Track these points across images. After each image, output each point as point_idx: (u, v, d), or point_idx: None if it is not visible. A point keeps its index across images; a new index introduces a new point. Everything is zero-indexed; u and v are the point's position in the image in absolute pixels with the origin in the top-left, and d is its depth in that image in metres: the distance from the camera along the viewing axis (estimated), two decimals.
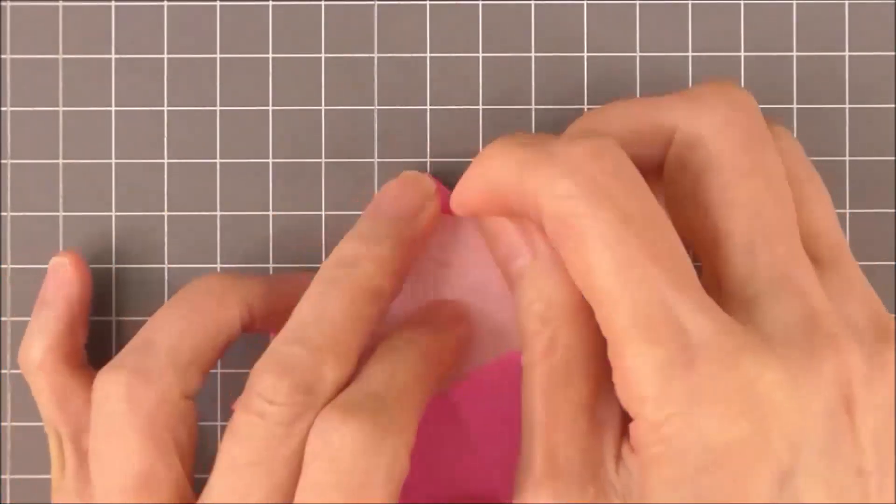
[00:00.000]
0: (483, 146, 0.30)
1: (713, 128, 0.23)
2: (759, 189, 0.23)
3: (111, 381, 0.25)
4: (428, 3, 0.30)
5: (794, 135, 0.30)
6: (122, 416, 0.25)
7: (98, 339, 0.30)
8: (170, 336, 0.26)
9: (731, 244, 0.23)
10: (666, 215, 0.22)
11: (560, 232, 0.22)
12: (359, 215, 0.30)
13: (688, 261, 0.22)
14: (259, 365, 0.24)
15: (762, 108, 0.30)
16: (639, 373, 0.21)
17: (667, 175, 0.24)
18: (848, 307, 0.23)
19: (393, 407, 0.24)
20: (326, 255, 0.30)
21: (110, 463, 0.25)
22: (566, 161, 0.22)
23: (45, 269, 0.30)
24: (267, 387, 0.24)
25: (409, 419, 0.24)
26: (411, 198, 0.27)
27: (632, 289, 0.21)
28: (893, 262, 0.30)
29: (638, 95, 0.30)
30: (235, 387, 0.30)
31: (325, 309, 0.25)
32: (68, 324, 0.28)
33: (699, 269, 0.24)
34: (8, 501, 0.30)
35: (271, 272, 0.30)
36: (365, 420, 0.23)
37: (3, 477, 0.30)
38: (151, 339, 0.26)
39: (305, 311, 0.25)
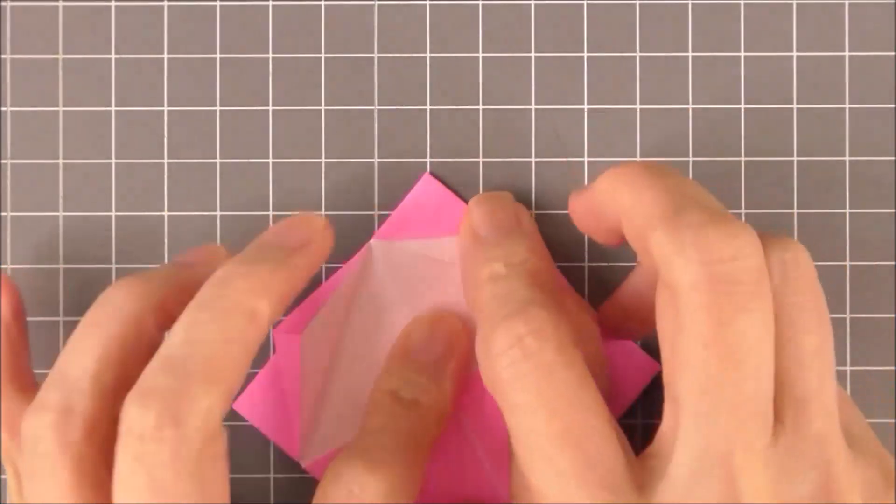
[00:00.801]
0: (483, 146, 0.30)
1: (684, 285, 0.22)
2: (714, 361, 0.21)
3: (37, 424, 0.23)
4: (428, 3, 0.30)
5: (794, 135, 0.30)
6: (52, 457, 0.23)
7: None
8: (88, 365, 0.24)
9: (681, 408, 0.22)
10: (596, 404, 0.23)
11: (500, 399, 0.23)
12: (359, 215, 0.30)
13: (616, 455, 0.22)
14: (127, 399, 0.23)
15: (762, 108, 0.30)
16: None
17: (657, 306, 0.24)
18: (792, 486, 0.22)
19: (408, 456, 0.25)
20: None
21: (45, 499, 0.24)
22: (507, 345, 0.23)
23: (46, 269, 0.30)
24: (134, 419, 0.22)
25: (418, 463, 0.25)
26: (298, 232, 0.26)
27: (559, 480, 0.22)
28: (893, 263, 0.30)
29: (638, 96, 0.30)
30: None
31: (195, 330, 0.23)
32: (6, 348, 0.27)
33: None
34: (8, 501, 0.30)
35: None
36: (387, 472, 0.24)
37: (2, 476, 0.30)
38: (67, 371, 0.24)
39: (176, 336, 0.23)
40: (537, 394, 0.22)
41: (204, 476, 0.22)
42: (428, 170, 0.30)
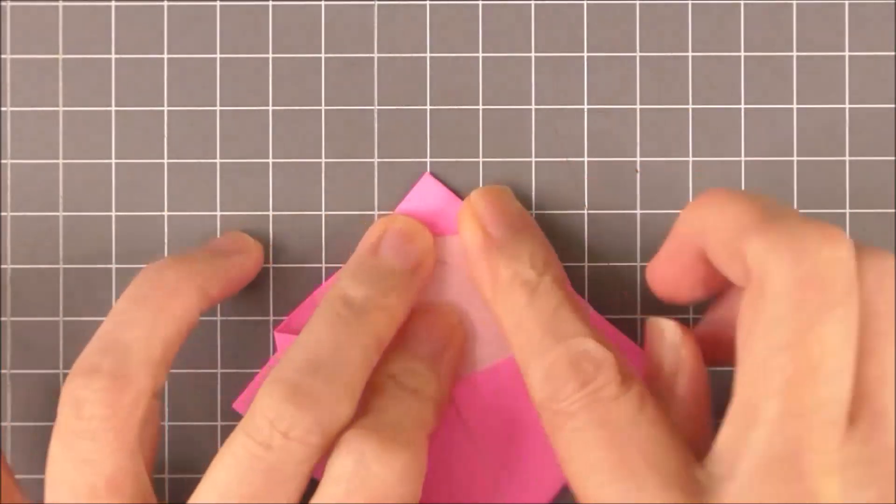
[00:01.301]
0: (483, 146, 0.30)
1: (775, 285, 0.21)
2: (791, 364, 0.21)
3: (88, 386, 0.24)
4: (428, 3, 0.30)
5: (794, 135, 0.30)
6: (102, 420, 0.24)
7: None
8: (140, 336, 0.25)
9: (753, 410, 0.22)
10: (659, 438, 0.23)
11: (551, 429, 0.24)
12: (359, 215, 0.30)
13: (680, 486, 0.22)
14: (271, 388, 0.24)
15: (762, 108, 0.30)
16: None
17: (740, 312, 0.23)
18: (859, 493, 0.21)
19: (417, 439, 0.25)
20: (326, 256, 0.30)
21: (82, 464, 0.24)
22: (567, 380, 0.24)
23: (45, 268, 0.30)
24: (284, 418, 0.23)
25: (424, 450, 0.25)
26: (413, 251, 0.28)
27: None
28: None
29: (638, 96, 0.30)
30: (235, 386, 0.30)
31: (342, 350, 0.25)
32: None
33: None
34: (8, 501, 0.30)
35: (271, 272, 0.30)
36: (402, 450, 0.24)
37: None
38: (121, 339, 0.25)
39: (323, 344, 0.25)
40: (600, 426, 0.23)
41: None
42: (428, 170, 0.30)
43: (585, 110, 0.30)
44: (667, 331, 0.26)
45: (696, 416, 0.25)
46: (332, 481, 0.24)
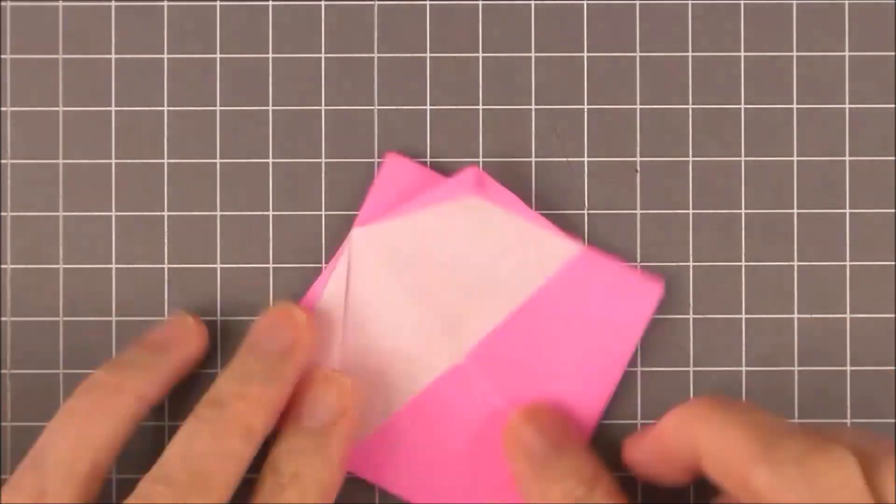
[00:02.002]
0: (483, 146, 0.30)
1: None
2: None
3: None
4: (428, 3, 0.30)
5: (794, 135, 0.30)
6: None
7: (97, 339, 0.30)
8: (65, 452, 0.25)
9: None
10: None
11: None
12: (358, 215, 0.30)
13: None
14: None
15: (762, 109, 0.30)
16: None
17: None
18: None
19: None
20: (327, 256, 0.30)
21: None
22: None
23: (45, 268, 0.30)
24: None
25: None
26: (284, 332, 0.28)
27: None
28: (893, 263, 0.30)
29: (638, 96, 0.30)
30: None
31: (191, 447, 0.25)
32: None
33: None
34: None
35: (271, 272, 0.30)
36: None
37: (3, 476, 0.30)
38: (47, 456, 0.25)
39: (173, 450, 0.25)
40: None
41: None
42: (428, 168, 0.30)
43: (585, 110, 0.30)
44: None
45: None
46: None
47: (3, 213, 0.30)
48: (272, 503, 0.26)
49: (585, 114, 0.30)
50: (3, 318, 0.30)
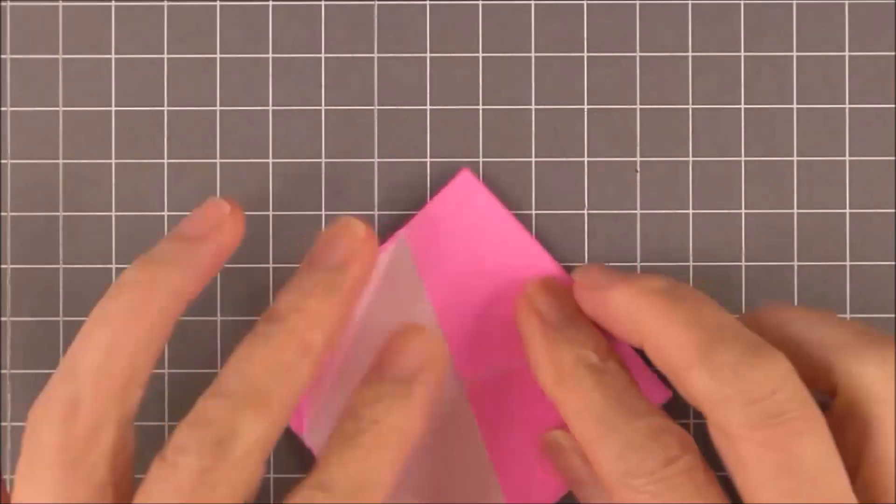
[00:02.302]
0: (483, 146, 0.30)
1: (736, 424, 0.23)
2: (789, 490, 0.22)
3: (42, 415, 0.24)
4: (428, 3, 0.30)
5: (794, 135, 0.30)
6: (58, 451, 0.23)
7: None
8: (96, 358, 0.24)
9: None
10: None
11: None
12: (359, 215, 0.30)
13: None
14: (181, 421, 0.23)
15: (762, 109, 0.30)
16: None
17: (834, 420, 0.25)
18: None
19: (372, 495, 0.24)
20: None
21: (43, 499, 0.23)
22: (644, 459, 0.23)
23: (44, 269, 0.30)
24: (180, 439, 0.23)
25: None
26: (342, 246, 0.27)
27: None
28: (893, 263, 0.30)
29: (638, 96, 0.30)
30: None
31: (248, 363, 0.24)
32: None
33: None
34: (10, 501, 0.30)
35: (271, 272, 0.30)
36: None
37: (4, 476, 0.30)
38: (77, 365, 0.24)
39: (230, 366, 0.24)
40: None
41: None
42: (428, 170, 0.30)
43: (585, 110, 0.30)
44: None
45: None
46: None
47: (3, 213, 0.30)
48: (347, 447, 0.24)
49: (585, 114, 0.30)
50: (3, 318, 0.30)
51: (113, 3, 0.30)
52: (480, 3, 0.30)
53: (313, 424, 0.29)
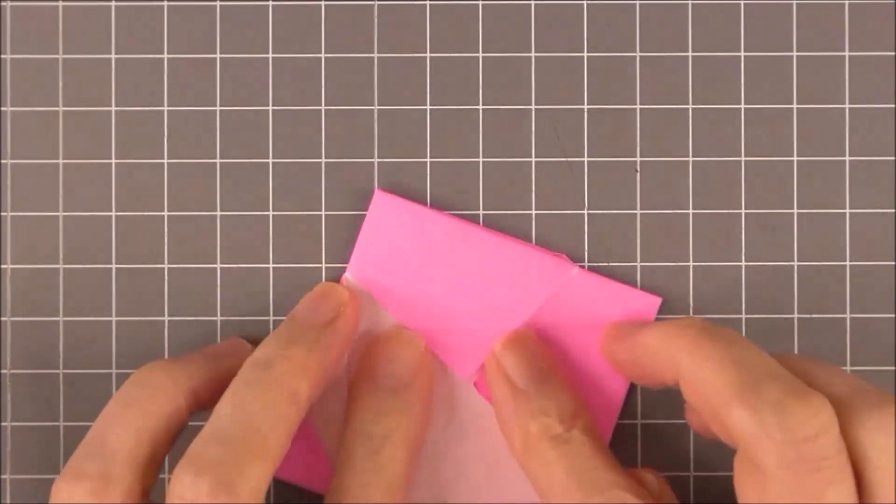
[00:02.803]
0: (483, 146, 0.30)
1: (773, 463, 0.22)
2: None
3: (73, 492, 0.24)
4: (428, 3, 0.30)
5: (794, 135, 0.30)
6: None
7: (97, 339, 0.30)
8: (126, 439, 0.25)
9: None
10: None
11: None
12: (359, 215, 0.30)
13: None
14: (178, 468, 0.24)
15: (762, 109, 0.30)
16: None
17: (736, 470, 0.24)
18: None
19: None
20: (327, 256, 0.30)
21: None
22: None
23: (44, 268, 0.30)
24: (187, 487, 0.23)
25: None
26: (325, 307, 0.28)
27: None
28: (893, 263, 0.30)
29: (638, 96, 0.30)
30: None
31: (243, 407, 0.24)
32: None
33: None
34: (8, 501, 0.30)
35: (271, 272, 0.30)
36: None
37: (3, 477, 0.30)
38: (107, 443, 0.25)
39: (224, 411, 0.24)
40: None
41: None
42: (428, 170, 0.30)
43: (585, 110, 0.30)
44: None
45: None
46: None
47: (3, 213, 0.30)
48: (370, 465, 0.26)
49: (585, 114, 0.30)
50: (3, 318, 0.30)
51: (113, 3, 0.30)
52: (480, 3, 0.30)
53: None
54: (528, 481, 0.27)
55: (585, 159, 0.30)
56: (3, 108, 0.30)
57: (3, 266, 0.30)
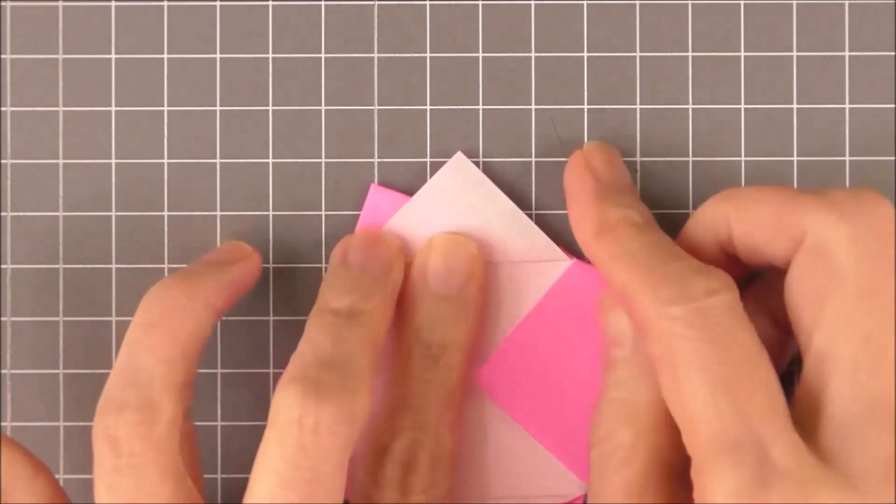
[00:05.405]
0: (483, 146, 0.30)
1: (843, 240, 0.23)
2: (877, 311, 0.22)
3: (120, 423, 0.24)
4: (428, 3, 0.30)
5: (794, 135, 0.30)
6: (142, 454, 0.24)
7: (97, 339, 0.30)
8: (160, 364, 0.25)
9: (838, 364, 0.22)
10: (763, 350, 0.23)
11: (660, 348, 0.23)
12: (358, 215, 0.30)
13: (780, 394, 0.22)
14: (288, 389, 0.24)
15: (762, 108, 0.30)
16: (719, 491, 0.22)
17: (791, 277, 0.24)
18: None
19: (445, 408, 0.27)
20: (326, 256, 0.30)
21: (133, 501, 0.24)
22: (684, 287, 0.23)
23: (44, 269, 0.30)
24: (309, 412, 0.23)
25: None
26: (382, 254, 0.28)
27: (722, 414, 0.22)
28: None
29: (638, 96, 0.30)
30: (235, 386, 0.30)
31: (340, 344, 0.25)
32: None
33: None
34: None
35: (271, 272, 0.30)
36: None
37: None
38: (142, 369, 0.25)
39: (323, 343, 0.25)
40: (713, 346, 0.22)
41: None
42: (428, 170, 0.30)
43: (585, 110, 0.30)
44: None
45: None
46: None
47: (3, 213, 0.30)
48: (429, 375, 0.27)
49: (585, 114, 0.30)
50: (3, 318, 0.30)
51: (113, 3, 0.30)
52: (480, 3, 0.30)
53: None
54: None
55: None
56: (3, 108, 0.30)
57: (3, 266, 0.30)
